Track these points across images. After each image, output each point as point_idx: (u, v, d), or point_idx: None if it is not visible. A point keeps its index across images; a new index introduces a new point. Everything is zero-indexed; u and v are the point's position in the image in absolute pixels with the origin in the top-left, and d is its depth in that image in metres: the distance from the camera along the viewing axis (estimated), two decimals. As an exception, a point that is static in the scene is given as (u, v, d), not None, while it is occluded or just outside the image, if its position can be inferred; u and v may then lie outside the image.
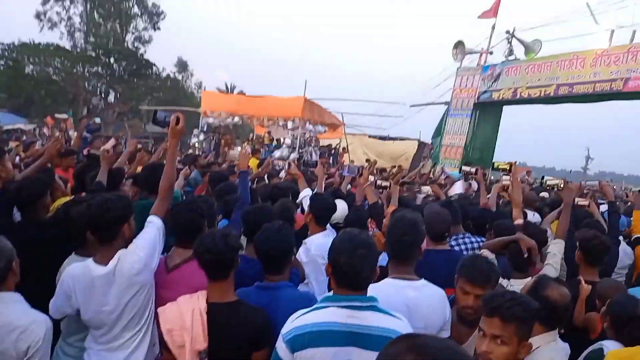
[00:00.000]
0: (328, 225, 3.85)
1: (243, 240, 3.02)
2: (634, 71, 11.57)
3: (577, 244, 3.41)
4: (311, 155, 19.55)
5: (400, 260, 2.52)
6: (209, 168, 7.19)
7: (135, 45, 40.04)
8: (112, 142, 4.99)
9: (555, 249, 3.43)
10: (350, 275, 1.94)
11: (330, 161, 20.58)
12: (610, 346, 2.46)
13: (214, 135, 21.09)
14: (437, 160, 16.25)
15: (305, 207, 4.16)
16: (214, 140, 20.72)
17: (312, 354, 1.87)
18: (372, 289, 2.07)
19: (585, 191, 5.67)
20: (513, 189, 4.52)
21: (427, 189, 5.53)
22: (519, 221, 4.21)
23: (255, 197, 5.02)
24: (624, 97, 12.60)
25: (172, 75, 42.19)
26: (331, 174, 9.06)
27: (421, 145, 21.46)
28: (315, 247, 3.47)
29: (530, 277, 3.16)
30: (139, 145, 4.81)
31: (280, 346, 1.93)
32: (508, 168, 4.51)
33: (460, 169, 13.84)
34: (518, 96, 14.28)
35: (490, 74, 15.18)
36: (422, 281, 2.50)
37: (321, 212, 3.72)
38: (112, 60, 37.24)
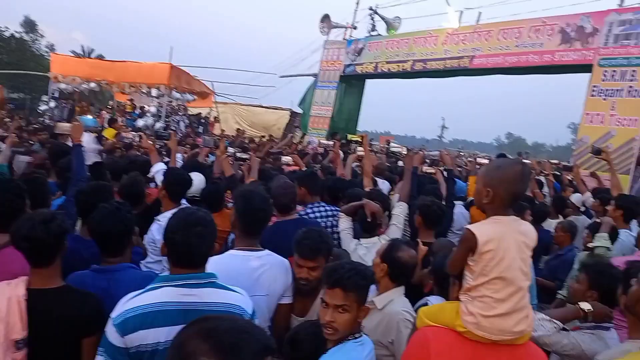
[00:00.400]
0: (183, 200, 3.74)
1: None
2: (478, 50, 12.74)
3: (418, 209, 3.72)
4: (179, 124, 18.80)
5: (248, 234, 2.55)
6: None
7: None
8: None
9: (399, 210, 3.81)
10: (186, 254, 1.89)
11: (201, 130, 20.02)
12: (433, 300, 2.76)
13: (67, 102, 19.27)
14: (305, 130, 16.59)
15: (159, 182, 3.97)
16: (67, 107, 18.93)
17: (143, 336, 1.80)
18: (218, 261, 2.10)
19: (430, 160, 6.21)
20: (364, 160, 4.81)
21: (287, 159, 5.62)
22: (368, 189, 4.52)
23: (102, 171, 4.68)
24: (470, 74, 13.84)
25: (17, 35, 37.20)
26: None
27: (293, 115, 21.72)
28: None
29: (377, 237, 3.51)
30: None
31: (110, 330, 1.83)
32: (360, 140, 4.75)
33: (328, 139, 14.40)
34: (379, 70, 14.95)
35: (353, 48, 15.70)
36: (266, 251, 2.57)
37: (174, 187, 3.59)
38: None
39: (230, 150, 5.61)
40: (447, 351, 1.75)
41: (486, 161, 7.10)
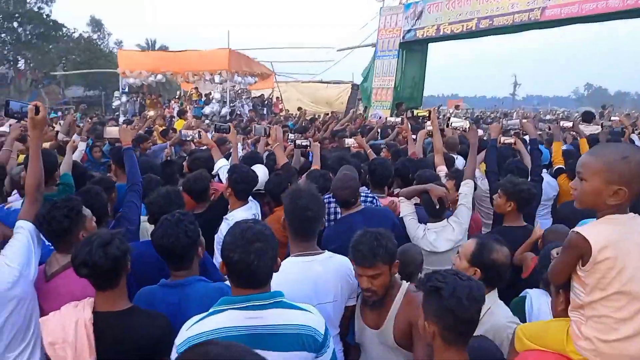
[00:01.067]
0: (250, 197, 3.59)
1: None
2: (549, 0, 11.67)
3: (502, 192, 3.34)
4: (243, 108, 18.97)
5: (302, 237, 2.33)
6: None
7: (39, 6, 36.40)
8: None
9: (466, 189, 3.44)
10: (247, 273, 1.70)
11: (265, 112, 20.10)
12: (534, 296, 2.44)
13: (136, 96, 19.96)
14: (369, 103, 16.10)
15: (223, 179, 3.85)
16: (137, 101, 19.62)
17: (211, 366, 1.65)
18: (277, 273, 1.85)
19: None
20: (433, 136, 4.43)
21: (350, 141, 5.28)
22: (441, 168, 4.16)
23: (172, 170, 4.65)
24: (542, 26, 12.73)
25: (85, 35, 39.07)
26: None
27: (355, 88, 21.25)
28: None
29: (445, 220, 3.25)
30: (22, 129, 4.20)
31: (175, 358, 1.70)
32: (427, 115, 4.38)
33: (392, 111, 13.88)
34: (441, 33, 14.12)
35: (412, 12, 14.86)
36: (327, 253, 2.35)
37: (240, 186, 3.43)
38: (15, 24, 33.87)
39: (291, 137, 5.34)
40: (562, 383, 1.45)
41: (569, 124, 6.43)
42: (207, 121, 12.24)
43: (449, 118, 4.27)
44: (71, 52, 36.37)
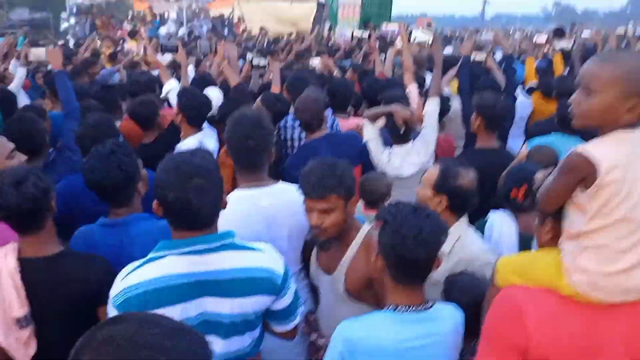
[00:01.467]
0: (206, 125, 3.28)
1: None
2: None
3: (476, 110, 3.11)
4: (202, 29, 17.87)
5: (246, 168, 2.08)
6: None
7: None
8: None
9: (431, 107, 3.19)
10: (186, 214, 1.44)
11: (225, 33, 19.02)
12: (496, 219, 2.33)
13: (86, 17, 18.50)
14: (335, 22, 15.33)
15: (173, 103, 3.50)
16: (87, 22, 18.21)
17: (152, 317, 1.43)
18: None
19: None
20: (403, 53, 4.12)
21: (316, 61, 4.88)
22: (412, 87, 3.90)
23: (113, 96, 4.23)
24: None
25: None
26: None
27: (320, 6, 20.20)
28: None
29: (410, 142, 3.03)
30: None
31: (112, 312, 1.48)
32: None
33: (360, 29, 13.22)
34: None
35: None
36: (278, 185, 2.11)
37: (192, 111, 3.10)
38: None
39: (249, 57, 4.86)
40: (551, 321, 1.29)
41: (543, 38, 6.17)
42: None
43: (411, 32, 3.89)
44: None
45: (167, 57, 4.97)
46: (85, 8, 18.89)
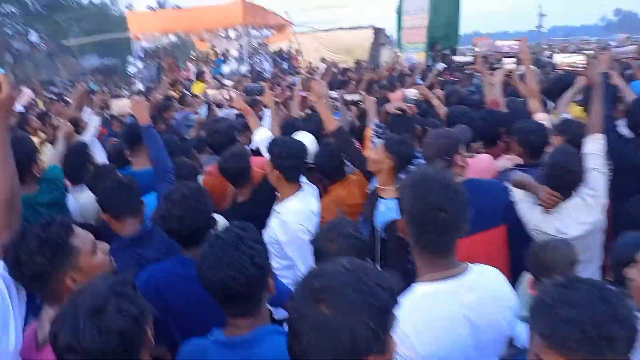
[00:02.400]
0: (302, 179, 2.78)
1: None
2: None
3: None
4: (263, 64, 17.92)
5: (434, 250, 1.47)
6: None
7: (43, -25, 35.32)
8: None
9: (595, 146, 2.53)
10: None
11: (286, 67, 18.98)
12: None
13: (152, 60, 19.04)
14: (400, 48, 14.81)
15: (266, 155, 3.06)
16: (154, 66, 18.70)
17: None
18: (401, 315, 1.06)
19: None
20: (526, 75, 3.51)
21: (413, 92, 4.31)
22: (541, 115, 3.29)
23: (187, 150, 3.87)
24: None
25: (95, 1, 37.94)
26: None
27: (377, 31, 19.93)
28: (294, 217, 2.47)
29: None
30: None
31: None
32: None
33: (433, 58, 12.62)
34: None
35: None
36: (473, 269, 1.50)
37: (288, 162, 2.59)
38: (22, -4, 33.05)
39: (333, 94, 4.32)
40: None
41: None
42: (226, 81, 11.29)
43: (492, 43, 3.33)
44: (82, 20, 35.46)
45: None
46: (152, 51, 19.41)
